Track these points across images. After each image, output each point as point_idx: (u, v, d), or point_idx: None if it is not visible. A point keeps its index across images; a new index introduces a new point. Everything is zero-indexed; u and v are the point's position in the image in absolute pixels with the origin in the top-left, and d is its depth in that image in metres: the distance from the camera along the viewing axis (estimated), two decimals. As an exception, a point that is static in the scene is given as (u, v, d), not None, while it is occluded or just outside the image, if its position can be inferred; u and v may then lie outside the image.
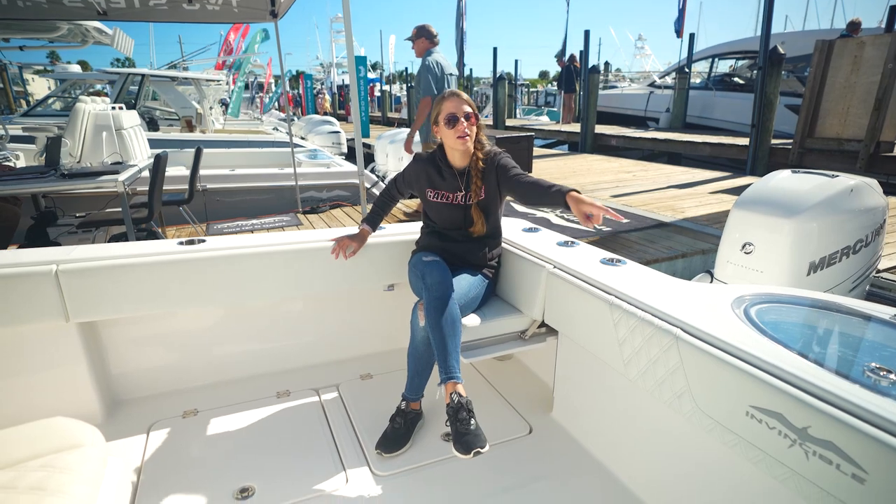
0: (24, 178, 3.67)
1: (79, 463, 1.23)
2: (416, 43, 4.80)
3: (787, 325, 1.44)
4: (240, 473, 1.76)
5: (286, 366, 2.43)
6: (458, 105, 1.98)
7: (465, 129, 1.96)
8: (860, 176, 2.45)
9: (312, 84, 28.13)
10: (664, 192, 6.80)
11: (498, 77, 16.90)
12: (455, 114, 1.96)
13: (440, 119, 2.00)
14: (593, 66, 12.57)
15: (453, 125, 1.96)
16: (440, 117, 2.00)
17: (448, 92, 2.03)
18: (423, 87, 4.67)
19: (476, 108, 2.04)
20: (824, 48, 7.59)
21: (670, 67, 17.89)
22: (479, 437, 1.63)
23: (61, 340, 1.97)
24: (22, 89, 24.32)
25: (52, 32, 4.37)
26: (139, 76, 8.86)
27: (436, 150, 2.12)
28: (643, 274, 1.80)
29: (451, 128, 1.97)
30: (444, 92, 2.05)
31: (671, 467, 1.59)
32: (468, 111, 1.98)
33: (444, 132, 2.00)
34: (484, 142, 2.07)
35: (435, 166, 2.09)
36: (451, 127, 1.97)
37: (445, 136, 2.01)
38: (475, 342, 2.02)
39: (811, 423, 1.07)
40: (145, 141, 5.37)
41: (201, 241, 2.11)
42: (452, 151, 2.05)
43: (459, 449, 1.61)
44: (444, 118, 1.98)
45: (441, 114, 1.99)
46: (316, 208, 5.95)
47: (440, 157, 2.09)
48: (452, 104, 1.98)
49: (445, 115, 1.98)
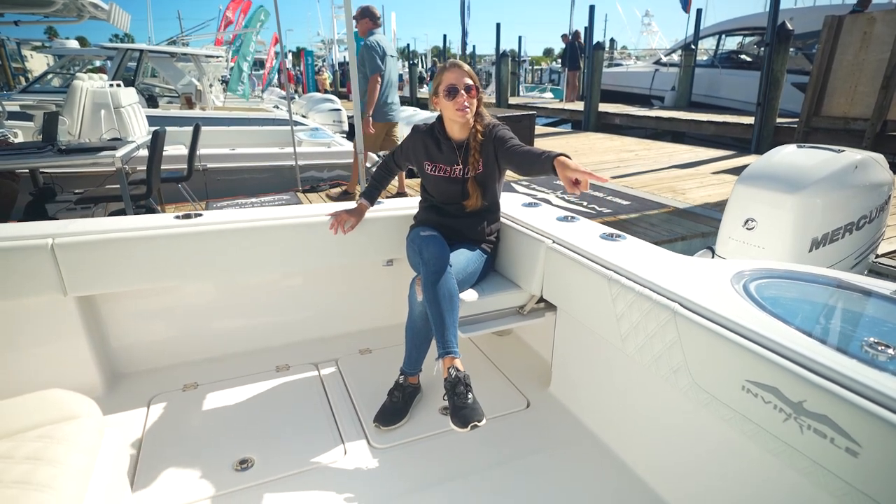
0: (21, 152, 3.66)
1: (76, 433, 1.24)
2: (360, 23, 4.87)
3: (786, 301, 1.43)
4: (239, 446, 1.78)
5: (285, 340, 2.45)
6: (458, 76, 1.93)
7: (464, 101, 1.92)
8: (867, 151, 2.41)
9: (313, 61, 27.78)
10: (666, 173, 6.74)
11: (501, 54, 16.66)
12: (455, 85, 1.92)
13: (440, 90, 1.95)
14: (598, 42, 12.37)
15: (453, 97, 1.92)
16: (440, 88, 1.95)
17: (449, 62, 1.98)
18: (370, 65, 4.76)
19: (477, 79, 1.99)
20: (833, 24, 7.43)
21: (676, 45, 17.59)
22: (477, 411, 1.64)
23: (59, 314, 1.97)
24: (21, 66, 24.07)
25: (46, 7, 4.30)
26: (137, 52, 8.73)
27: (434, 122, 2.09)
28: (643, 249, 1.79)
29: (451, 99, 1.93)
30: (446, 62, 2.00)
31: (667, 441, 1.60)
32: (469, 83, 1.94)
33: (444, 104, 1.96)
34: (484, 114, 2.04)
35: (433, 138, 2.07)
36: (451, 98, 1.93)
37: (445, 108, 1.97)
38: (473, 317, 2.02)
39: (806, 397, 1.07)
40: (144, 118, 5.32)
41: (198, 215, 2.10)
42: (451, 123, 2.02)
43: (456, 422, 1.62)
44: (443, 89, 1.94)
45: (441, 84, 1.95)
46: (316, 187, 5.94)
47: (439, 130, 2.06)
48: (453, 75, 1.93)
49: (445, 87, 1.93)
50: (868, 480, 0.98)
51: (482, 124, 2.02)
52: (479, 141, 2.00)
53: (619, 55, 30.80)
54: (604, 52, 12.99)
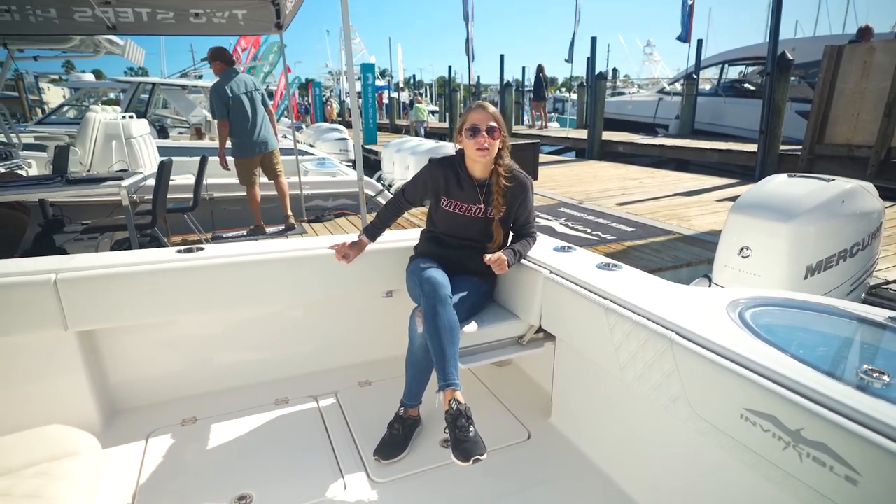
0: (28, 184, 3.75)
1: (75, 471, 1.23)
2: (213, 65, 5.02)
3: (782, 329, 1.43)
4: (238, 481, 1.76)
5: (285, 373, 2.44)
6: (482, 117, 1.99)
7: (484, 142, 1.97)
8: (856, 180, 2.45)
9: (321, 92, 28.40)
10: (670, 200, 6.76)
11: (505, 84, 16.97)
12: (478, 126, 1.98)
13: (464, 128, 2.01)
14: (600, 72, 12.58)
15: (474, 136, 1.98)
16: (464, 127, 2.01)
17: (476, 104, 2.06)
18: (216, 111, 4.91)
19: (502, 122, 2.04)
20: (833, 53, 7.53)
21: (679, 74, 17.85)
22: (478, 445, 1.62)
23: (60, 349, 1.98)
24: (38, 98, 24.77)
25: (64, 44, 4.48)
26: (150, 85, 8.98)
27: (455, 156, 2.12)
28: (639, 278, 1.80)
29: (472, 138, 1.98)
30: (473, 103, 2.07)
31: (668, 471, 1.58)
32: (492, 125, 1.98)
33: (466, 142, 2.01)
34: (504, 156, 2.08)
35: (454, 173, 2.09)
36: (472, 138, 1.98)
37: (466, 147, 2.03)
38: (473, 348, 2.02)
39: (804, 425, 1.06)
40: (155, 149, 5.44)
41: (200, 248, 2.13)
42: (473, 162, 2.06)
43: (458, 456, 1.60)
44: (467, 128, 2.00)
45: (465, 124, 2.01)
46: (320, 217, 5.99)
47: (460, 165, 2.09)
48: (478, 115, 2.00)
49: (469, 126, 1.99)
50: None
51: (503, 166, 2.06)
52: (502, 185, 2.04)
53: (622, 84, 31.24)
54: (606, 81, 13.19)
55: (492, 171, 2.05)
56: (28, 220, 4.21)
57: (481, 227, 2.09)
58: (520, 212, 2.12)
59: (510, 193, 2.05)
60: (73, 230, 4.32)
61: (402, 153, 8.00)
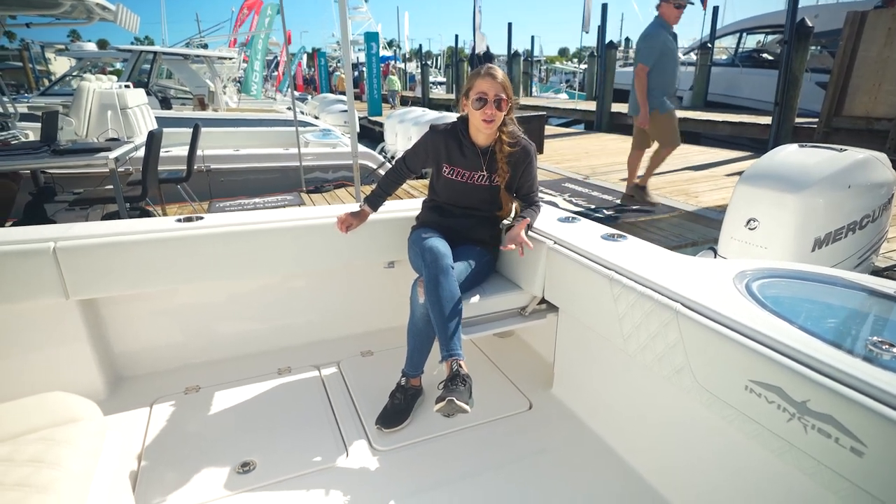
0: (15, 153, 3.64)
1: (77, 436, 1.24)
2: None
3: (789, 300, 1.41)
4: (241, 448, 1.78)
5: (287, 343, 2.45)
6: (491, 87, 1.86)
7: (492, 114, 1.87)
8: (869, 150, 2.37)
9: (327, 62, 27.95)
10: (679, 175, 6.64)
11: (513, 54, 16.58)
12: (485, 96, 1.86)
13: (471, 95, 1.89)
14: (610, 41, 12.24)
15: (481, 107, 1.87)
16: (471, 93, 1.89)
17: (485, 69, 1.91)
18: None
19: (511, 91, 1.93)
20: (856, 20, 7.23)
21: (694, 43, 17.33)
22: (463, 394, 1.61)
23: (62, 318, 1.98)
24: (45, 68, 24.63)
25: (53, 9, 4.34)
26: (151, 54, 8.86)
27: (457, 122, 2.03)
28: (644, 249, 1.77)
29: (478, 109, 1.88)
30: (481, 68, 1.93)
31: (670, 442, 1.58)
32: (501, 97, 1.87)
33: (472, 111, 1.91)
34: (508, 122, 1.99)
35: (456, 140, 2.01)
36: (479, 108, 1.88)
37: (471, 115, 1.93)
38: (475, 318, 2.00)
39: (810, 396, 1.05)
40: (153, 119, 5.37)
41: (199, 218, 2.11)
42: (476, 131, 1.97)
43: (439, 399, 1.60)
44: (474, 96, 1.88)
45: (472, 90, 1.89)
46: (320, 188, 5.95)
47: (462, 132, 2.01)
48: (486, 84, 1.86)
49: (476, 94, 1.87)
50: (873, 480, 0.97)
51: (507, 132, 1.98)
52: (506, 152, 1.96)
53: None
54: (616, 51, 12.82)
55: (496, 138, 1.97)
56: (17, 188, 4.11)
57: (484, 195, 2.04)
58: (523, 179, 2.05)
59: (513, 160, 1.99)
60: (64, 199, 4.23)
61: (404, 124, 7.86)
